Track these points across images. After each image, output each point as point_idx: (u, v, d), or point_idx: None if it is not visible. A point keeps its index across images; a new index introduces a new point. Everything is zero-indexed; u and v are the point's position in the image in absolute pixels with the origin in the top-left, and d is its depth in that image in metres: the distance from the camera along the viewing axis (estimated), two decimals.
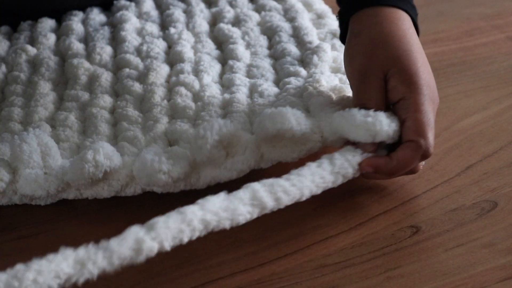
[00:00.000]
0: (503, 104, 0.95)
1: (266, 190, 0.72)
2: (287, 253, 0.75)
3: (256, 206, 0.71)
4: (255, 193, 0.71)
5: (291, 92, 0.89)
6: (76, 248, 0.64)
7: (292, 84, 0.91)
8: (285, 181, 0.73)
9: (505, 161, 0.85)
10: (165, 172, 0.77)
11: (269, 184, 0.73)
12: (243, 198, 0.71)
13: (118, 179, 0.80)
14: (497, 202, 0.80)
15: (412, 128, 0.77)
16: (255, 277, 0.72)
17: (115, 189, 0.80)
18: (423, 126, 0.77)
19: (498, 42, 1.09)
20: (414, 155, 0.77)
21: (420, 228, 0.77)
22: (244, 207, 0.71)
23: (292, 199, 0.73)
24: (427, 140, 0.77)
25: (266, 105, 0.88)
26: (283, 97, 0.89)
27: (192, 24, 1.07)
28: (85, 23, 1.08)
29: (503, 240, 0.75)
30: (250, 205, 0.71)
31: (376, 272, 0.72)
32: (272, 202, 0.72)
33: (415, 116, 0.77)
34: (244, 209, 0.71)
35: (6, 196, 0.80)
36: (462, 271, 0.72)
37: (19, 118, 0.90)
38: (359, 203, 0.80)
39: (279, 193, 0.72)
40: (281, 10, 1.11)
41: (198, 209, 0.68)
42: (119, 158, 0.79)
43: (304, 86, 0.90)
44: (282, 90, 0.91)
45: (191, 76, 0.95)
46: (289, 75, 0.94)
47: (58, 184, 0.79)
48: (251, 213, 0.71)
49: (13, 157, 0.80)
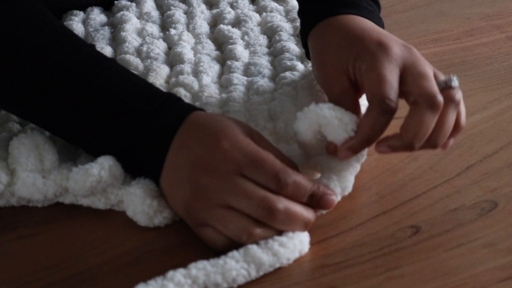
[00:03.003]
0: (503, 104, 0.95)
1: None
2: None
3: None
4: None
5: (286, 90, 0.90)
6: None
7: (288, 79, 0.92)
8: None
9: (505, 161, 0.85)
10: (161, 221, 0.77)
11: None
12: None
13: (117, 194, 0.80)
14: (497, 202, 0.80)
15: (367, 88, 0.78)
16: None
17: (111, 202, 0.80)
18: (375, 83, 0.77)
19: (498, 42, 1.09)
20: (375, 114, 0.76)
21: (420, 228, 0.77)
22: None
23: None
24: (383, 94, 0.76)
25: (261, 103, 0.88)
26: (277, 94, 0.90)
27: (193, 25, 1.07)
28: (85, 23, 1.08)
29: (503, 240, 0.75)
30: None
31: (376, 272, 0.72)
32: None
33: (367, 76, 0.78)
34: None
35: (3, 198, 0.80)
36: (462, 271, 0.72)
37: (17, 118, 0.89)
38: (359, 203, 0.80)
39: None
40: (282, 11, 1.11)
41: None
42: (122, 175, 0.79)
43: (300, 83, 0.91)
44: (278, 86, 0.92)
45: (191, 77, 0.95)
46: (286, 70, 0.95)
47: (56, 189, 0.79)
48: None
49: (11, 159, 0.80)
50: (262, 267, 0.71)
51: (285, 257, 0.72)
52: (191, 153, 0.74)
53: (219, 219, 0.72)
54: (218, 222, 0.72)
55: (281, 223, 0.72)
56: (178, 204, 0.75)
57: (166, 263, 0.73)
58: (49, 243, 0.77)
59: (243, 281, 0.71)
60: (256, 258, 0.71)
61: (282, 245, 0.72)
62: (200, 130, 0.75)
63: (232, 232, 0.72)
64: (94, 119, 0.78)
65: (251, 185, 0.72)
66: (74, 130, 0.80)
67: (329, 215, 0.78)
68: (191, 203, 0.74)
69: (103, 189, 0.79)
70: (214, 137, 0.74)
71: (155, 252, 0.75)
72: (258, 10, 1.12)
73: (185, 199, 0.74)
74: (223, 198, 0.72)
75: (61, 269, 0.73)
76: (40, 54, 0.79)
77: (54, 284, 0.72)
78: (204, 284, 0.69)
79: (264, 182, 0.72)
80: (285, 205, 0.72)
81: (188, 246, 0.75)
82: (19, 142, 0.81)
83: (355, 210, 0.79)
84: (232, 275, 0.70)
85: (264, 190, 0.72)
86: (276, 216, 0.72)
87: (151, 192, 0.77)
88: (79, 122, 0.79)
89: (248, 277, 0.71)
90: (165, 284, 0.68)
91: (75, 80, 0.79)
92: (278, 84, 0.93)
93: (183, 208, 0.75)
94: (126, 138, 0.78)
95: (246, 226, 0.72)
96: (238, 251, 0.71)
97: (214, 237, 0.73)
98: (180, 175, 0.74)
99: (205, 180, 0.73)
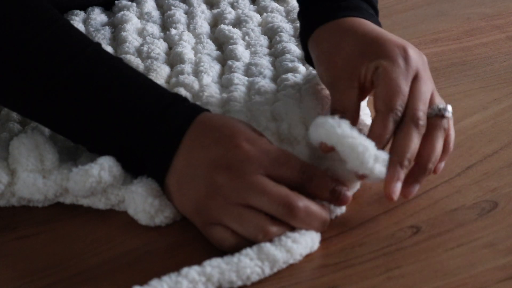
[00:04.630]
0: (503, 104, 0.95)
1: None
2: None
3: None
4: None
5: (289, 92, 0.90)
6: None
7: (290, 81, 0.92)
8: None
9: (505, 161, 0.85)
10: (162, 220, 0.78)
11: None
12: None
13: (117, 194, 0.80)
14: (497, 202, 0.80)
15: (379, 96, 0.79)
16: None
17: (112, 202, 0.80)
18: (387, 94, 0.78)
19: (498, 42, 1.09)
20: (382, 122, 0.77)
21: (420, 228, 0.77)
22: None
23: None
24: (391, 104, 0.78)
25: (263, 103, 0.88)
26: (281, 96, 0.89)
27: (193, 25, 1.07)
28: (86, 23, 1.08)
29: (503, 240, 0.75)
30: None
31: (376, 272, 0.72)
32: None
33: (382, 83, 0.79)
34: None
35: (4, 198, 0.80)
36: (463, 271, 0.72)
37: (18, 118, 0.89)
38: (359, 203, 0.80)
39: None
40: (283, 12, 1.11)
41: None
42: (122, 175, 0.79)
43: (303, 86, 0.90)
44: (280, 88, 0.92)
45: (191, 77, 0.95)
46: (287, 71, 0.95)
47: (56, 189, 0.79)
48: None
49: (11, 159, 0.80)
50: (276, 264, 0.72)
51: (298, 253, 0.73)
52: (210, 152, 0.75)
53: (235, 217, 0.73)
54: (234, 221, 0.73)
55: (300, 221, 0.73)
56: (188, 202, 0.75)
57: (166, 263, 0.73)
58: (49, 243, 0.77)
59: (257, 279, 0.71)
60: (270, 255, 0.71)
61: (295, 242, 0.73)
62: (216, 130, 0.76)
63: (248, 230, 0.73)
64: (99, 118, 0.79)
65: (272, 183, 0.73)
66: (78, 129, 0.80)
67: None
68: (205, 201, 0.74)
69: (103, 190, 0.79)
70: (233, 137, 0.75)
71: (155, 252, 0.75)
72: (259, 11, 1.12)
73: (198, 197, 0.74)
74: (243, 196, 0.73)
75: (61, 269, 0.74)
76: (46, 52, 0.79)
77: (54, 284, 0.72)
78: (219, 282, 0.70)
79: (289, 177, 0.74)
80: (305, 203, 0.73)
81: (188, 247, 0.75)
82: (20, 142, 0.81)
83: (355, 210, 0.79)
84: (246, 272, 0.70)
85: (285, 188, 0.73)
86: (296, 213, 0.73)
87: (153, 191, 0.77)
88: (83, 121, 0.79)
89: (262, 274, 0.71)
90: (179, 280, 0.68)
91: (80, 79, 0.79)
92: (281, 86, 0.93)
93: (193, 206, 0.75)
94: (131, 138, 0.78)
95: (264, 225, 0.72)
96: (251, 249, 0.72)
97: (224, 237, 0.73)
98: (194, 174, 0.75)
99: (224, 179, 0.73)
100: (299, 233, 0.73)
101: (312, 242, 0.74)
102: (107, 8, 1.14)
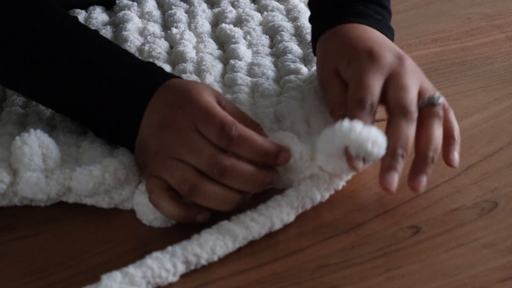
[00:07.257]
0: (503, 104, 0.95)
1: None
2: (287, 253, 0.75)
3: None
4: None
5: (292, 94, 0.90)
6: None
7: (293, 83, 0.92)
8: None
9: (505, 161, 0.85)
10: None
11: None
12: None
13: (121, 193, 0.80)
14: (497, 202, 0.80)
15: (349, 92, 0.80)
16: (255, 277, 0.72)
17: (115, 201, 0.80)
18: (353, 90, 0.80)
19: (498, 42, 1.09)
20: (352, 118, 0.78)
21: (420, 228, 0.77)
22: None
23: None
24: (357, 97, 0.79)
25: (268, 106, 0.88)
26: (284, 98, 0.89)
27: (194, 24, 1.07)
28: (87, 22, 1.08)
29: (503, 240, 0.75)
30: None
31: (376, 272, 0.72)
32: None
33: (352, 82, 0.81)
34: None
35: (6, 198, 0.80)
36: (463, 271, 0.72)
37: (20, 118, 0.89)
38: (359, 203, 0.80)
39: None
40: (283, 11, 1.11)
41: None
42: (124, 175, 0.79)
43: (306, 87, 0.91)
44: (284, 90, 0.92)
45: (193, 76, 0.95)
46: (290, 73, 0.95)
47: (59, 188, 0.79)
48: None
49: (14, 159, 0.80)
50: (237, 239, 0.74)
51: (256, 232, 0.75)
52: (160, 113, 0.78)
53: (167, 168, 0.76)
54: (166, 171, 0.76)
55: (228, 179, 0.75)
56: (142, 159, 0.79)
57: None
58: (50, 243, 0.77)
59: (222, 252, 0.73)
60: (230, 230, 0.74)
61: (253, 220, 0.75)
62: (170, 93, 0.79)
63: (176, 180, 0.76)
64: (77, 88, 0.83)
65: (203, 142, 0.76)
66: (58, 99, 0.84)
67: (329, 214, 0.79)
68: (153, 157, 0.77)
69: (106, 191, 0.79)
70: (181, 98, 0.78)
71: None
72: (259, 9, 1.12)
73: (148, 154, 0.78)
74: (177, 151, 0.76)
75: (61, 269, 0.74)
76: (25, 27, 0.84)
77: (54, 284, 0.72)
78: (183, 256, 0.71)
79: (212, 135, 0.76)
80: (232, 162, 0.75)
81: None
82: (22, 142, 0.81)
83: (355, 210, 0.79)
84: (209, 244, 0.73)
85: (214, 147, 0.76)
86: (223, 172, 0.75)
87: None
88: (63, 91, 0.83)
89: (225, 247, 0.73)
90: (144, 261, 0.70)
91: (58, 51, 0.83)
92: (284, 88, 0.92)
93: (143, 162, 0.79)
94: (105, 104, 0.81)
95: (190, 178, 0.75)
96: (210, 227, 0.74)
97: (155, 183, 0.76)
98: (148, 133, 0.78)
99: (166, 136, 0.77)
100: (257, 213, 0.75)
101: (271, 223, 0.76)
102: (108, 7, 1.14)
